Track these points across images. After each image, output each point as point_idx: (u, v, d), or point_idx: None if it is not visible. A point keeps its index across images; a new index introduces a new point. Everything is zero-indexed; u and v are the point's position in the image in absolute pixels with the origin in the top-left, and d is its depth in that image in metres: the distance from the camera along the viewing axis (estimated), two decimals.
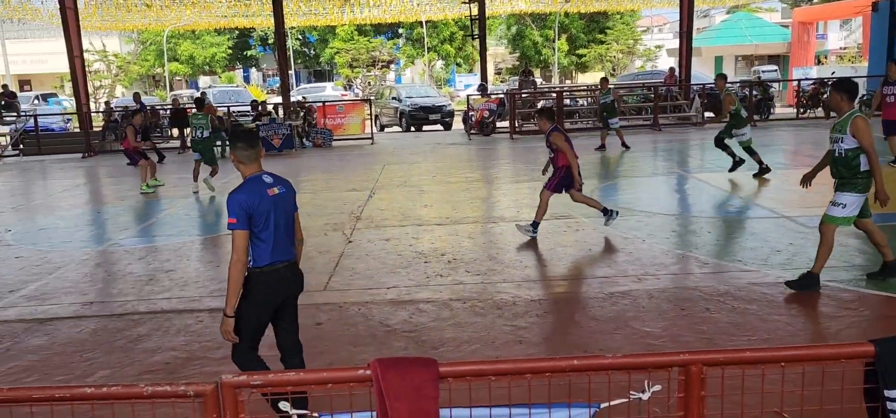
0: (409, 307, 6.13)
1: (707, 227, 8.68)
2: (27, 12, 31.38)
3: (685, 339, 5.18)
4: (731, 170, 11.72)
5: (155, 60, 51.66)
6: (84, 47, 23.60)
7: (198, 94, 20.10)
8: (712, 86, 19.65)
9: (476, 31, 23.70)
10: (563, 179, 8.24)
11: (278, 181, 3.99)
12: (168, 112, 22.80)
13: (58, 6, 21.99)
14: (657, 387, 2.14)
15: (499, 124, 21.28)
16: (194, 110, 13.44)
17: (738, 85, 24.27)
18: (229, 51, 54.39)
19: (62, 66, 44.95)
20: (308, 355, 5.28)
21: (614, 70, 48.67)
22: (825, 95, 20.56)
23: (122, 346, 5.61)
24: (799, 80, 24.29)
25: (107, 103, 28.29)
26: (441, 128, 24.50)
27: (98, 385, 1.88)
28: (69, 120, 26.68)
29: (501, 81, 46.90)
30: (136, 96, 21.67)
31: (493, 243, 8.37)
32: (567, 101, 23.40)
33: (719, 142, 11.80)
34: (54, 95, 36.51)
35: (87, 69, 25.03)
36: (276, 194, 3.88)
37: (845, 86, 5.87)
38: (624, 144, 15.88)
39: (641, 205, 9.93)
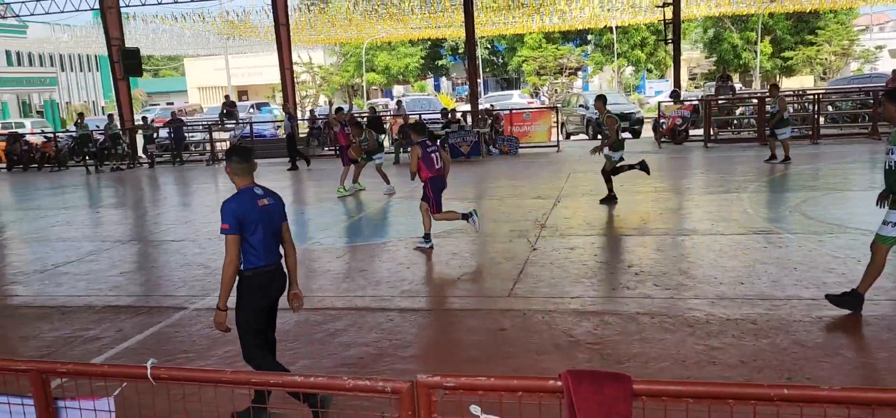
0: (594, 318, 6.00)
1: None
2: (247, 30, 34.92)
3: None
4: None
5: (354, 71, 55.21)
6: (293, 60, 25.77)
7: (392, 103, 21.11)
8: None
9: (670, 36, 22.73)
10: None
11: (268, 193, 4.40)
12: (365, 119, 24.23)
13: (273, 24, 24.22)
14: None
15: (692, 132, 20.25)
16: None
17: None
18: (422, 61, 56.80)
19: (274, 77, 49.61)
20: (493, 358, 5.36)
21: (825, 73, 44.44)
22: None
23: (321, 339, 6.01)
24: None
25: (311, 112, 30.64)
26: (629, 135, 23.80)
27: (306, 374, 2.03)
28: (278, 127, 29.24)
29: (696, 87, 44.62)
30: (338, 108, 23.25)
31: (683, 257, 7.95)
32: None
33: None
34: (267, 104, 40.17)
35: (295, 80, 27.31)
36: (266, 205, 4.30)
37: None
38: (786, 158, 14.42)
39: (855, 222, 8.95)
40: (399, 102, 26.43)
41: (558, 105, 26.50)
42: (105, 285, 8.20)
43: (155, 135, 24.00)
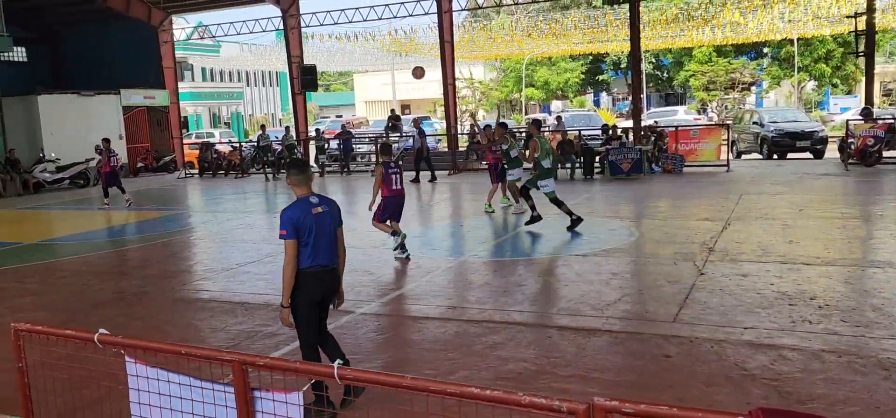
0: (770, 352, 5.57)
1: None
2: (412, 47, 36.27)
3: None
4: None
5: (513, 86, 55.55)
6: (455, 75, 26.38)
7: (551, 119, 20.98)
8: None
9: (861, 48, 20.80)
10: None
11: (324, 201, 4.84)
12: (523, 135, 24.28)
13: (437, 40, 24.96)
14: None
15: (886, 154, 18.37)
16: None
17: None
18: (582, 76, 56.04)
19: (435, 92, 51.06)
20: (656, 386, 5.13)
21: None
22: None
23: (480, 351, 6.05)
24: None
25: (472, 126, 31.18)
26: (810, 156, 22.04)
27: (482, 386, 2.05)
28: (440, 140, 30.02)
29: (890, 104, 40.51)
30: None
31: (875, 291, 7.20)
32: None
33: None
34: (427, 118, 41.40)
35: (456, 94, 27.94)
36: (320, 212, 4.73)
37: None
38: None
39: None
40: (559, 118, 26.24)
41: (729, 122, 25.08)
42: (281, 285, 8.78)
43: (326, 146, 25.48)
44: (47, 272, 10.39)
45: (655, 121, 25.01)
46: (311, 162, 25.49)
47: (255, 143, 25.54)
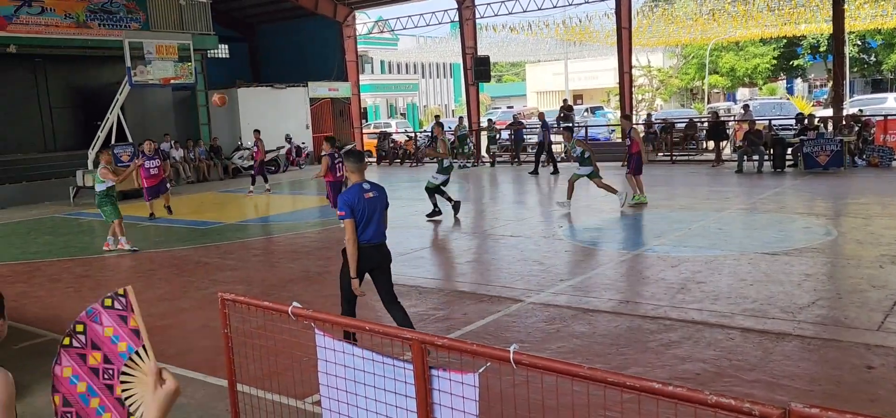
0: None
1: None
2: (587, 35, 35.54)
3: None
4: None
5: (695, 73, 52.71)
6: (632, 63, 25.52)
7: (736, 108, 19.69)
8: None
9: None
10: None
11: (374, 187, 5.65)
12: (705, 124, 23.00)
13: (614, 27, 24.26)
14: None
15: None
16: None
17: None
18: (773, 61, 51.92)
19: (608, 81, 49.69)
20: (855, 400, 4.66)
21: None
22: None
23: (654, 349, 5.82)
24: None
25: (648, 115, 30.05)
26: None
27: (664, 381, 1.95)
28: (613, 131, 29.21)
29: None
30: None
31: None
32: None
33: None
34: (601, 108, 40.43)
35: (632, 83, 27.03)
36: (371, 197, 5.55)
37: None
38: None
39: None
40: (746, 107, 24.51)
41: None
42: (453, 271, 9.01)
43: (497, 136, 25.71)
44: (244, 249, 11.40)
45: (860, 110, 22.63)
46: (483, 152, 25.85)
47: (429, 133, 26.34)
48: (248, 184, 19.29)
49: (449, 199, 12.83)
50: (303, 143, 27.65)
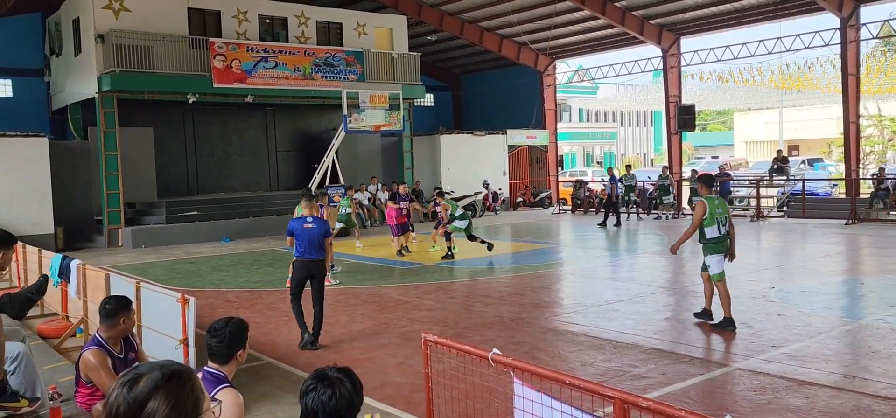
0: None
1: None
2: (806, 82, 32.85)
3: None
4: None
5: None
6: (859, 112, 23.19)
7: None
8: None
9: None
10: None
11: (316, 221, 8.24)
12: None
13: (840, 75, 22.23)
14: None
15: None
16: None
17: None
18: None
19: (829, 131, 45.34)
20: None
21: None
22: None
23: None
24: None
25: (881, 169, 27.01)
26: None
27: None
28: (835, 185, 26.61)
29: None
30: None
31: None
32: None
33: None
34: (820, 160, 37.04)
35: (859, 134, 24.52)
36: (310, 227, 8.09)
37: None
38: None
39: None
40: None
41: None
42: (650, 327, 8.63)
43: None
44: (441, 291, 11.78)
45: None
46: (685, 204, 24.70)
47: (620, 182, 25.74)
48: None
49: (482, 241, 14.97)
50: (499, 189, 28.21)
